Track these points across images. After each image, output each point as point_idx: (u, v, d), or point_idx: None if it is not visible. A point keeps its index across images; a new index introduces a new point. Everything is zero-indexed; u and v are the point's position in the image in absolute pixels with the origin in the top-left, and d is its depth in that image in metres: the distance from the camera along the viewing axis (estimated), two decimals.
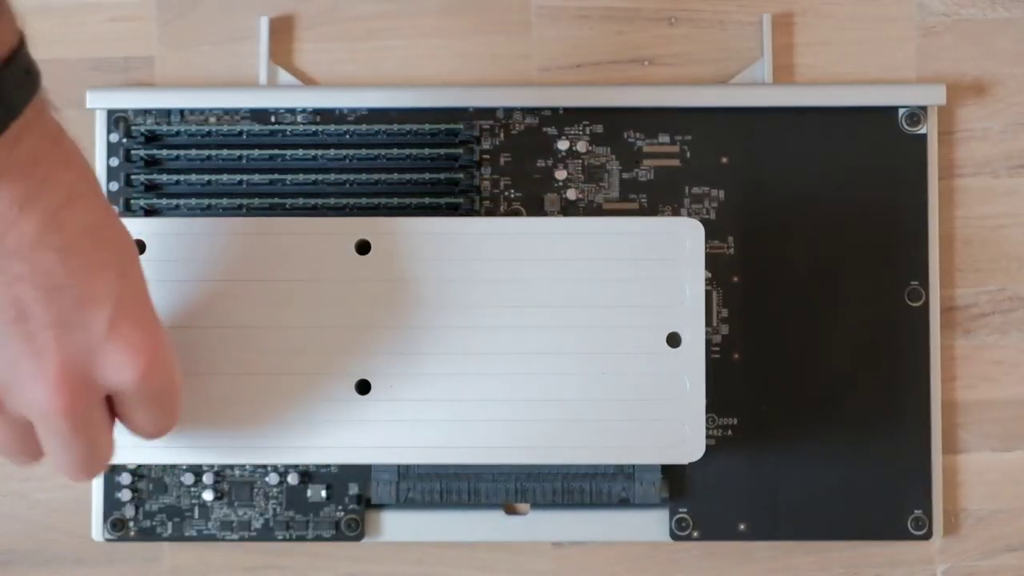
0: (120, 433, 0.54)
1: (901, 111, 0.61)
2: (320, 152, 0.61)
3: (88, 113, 0.62)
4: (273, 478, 0.61)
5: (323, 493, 0.61)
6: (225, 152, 0.61)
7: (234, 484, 0.61)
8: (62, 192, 0.41)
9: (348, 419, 0.54)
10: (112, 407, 0.46)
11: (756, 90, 0.61)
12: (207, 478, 0.61)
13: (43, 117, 0.41)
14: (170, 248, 0.53)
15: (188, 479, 0.61)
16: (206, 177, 0.60)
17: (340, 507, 0.61)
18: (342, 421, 0.54)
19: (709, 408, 0.60)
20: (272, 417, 0.54)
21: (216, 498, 0.61)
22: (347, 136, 0.61)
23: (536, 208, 0.62)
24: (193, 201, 0.60)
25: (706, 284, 0.60)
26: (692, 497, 0.61)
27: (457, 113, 0.62)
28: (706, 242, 0.55)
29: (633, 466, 0.60)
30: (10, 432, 0.44)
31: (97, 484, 0.61)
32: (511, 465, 0.60)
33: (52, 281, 0.41)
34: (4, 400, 0.43)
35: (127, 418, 0.47)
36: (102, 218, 0.43)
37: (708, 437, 0.60)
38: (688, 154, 0.62)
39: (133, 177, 0.61)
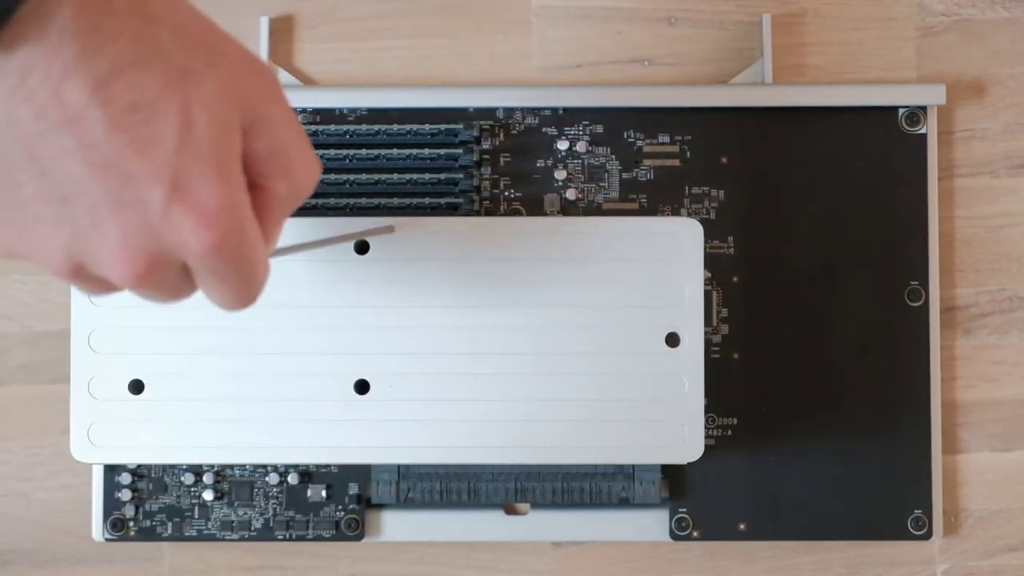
0: (121, 432, 0.54)
1: (901, 111, 0.61)
2: (320, 152, 0.61)
3: None
4: (273, 478, 0.61)
5: (323, 493, 0.61)
6: None
7: (234, 484, 0.61)
8: (111, 55, 0.38)
9: (348, 419, 0.54)
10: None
11: (756, 90, 0.61)
12: (207, 478, 0.61)
13: None
14: None
15: (188, 479, 0.61)
16: None
17: (340, 507, 0.61)
18: (342, 421, 0.54)
19: (709, 408, 0.60)
20: (272, 417, 0.54)
21: (216, 498, 0.61)
22: (347, 136, 0.61)
23: (536, 208, 0.62)
24: None
25: (706, 284, 0.60)
26: (692, 497, 0.61)
27: (457, 113, 0.62)
28: (706, 242, 0.55)
29: (633, 466, 0.60)
30: (94, 285, 0.43)
31: (97, 484, 0.61)
32: (511, 465, 0.60)
33: (101, 158, 0.39)
34: (82, 263, 0.41)
35: (204, 289, 0.44)
36: (156, 90, 0.39)
37: (708, 437, 0.60)
38: (688, 154, 0.62)
39: None
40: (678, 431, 0.54)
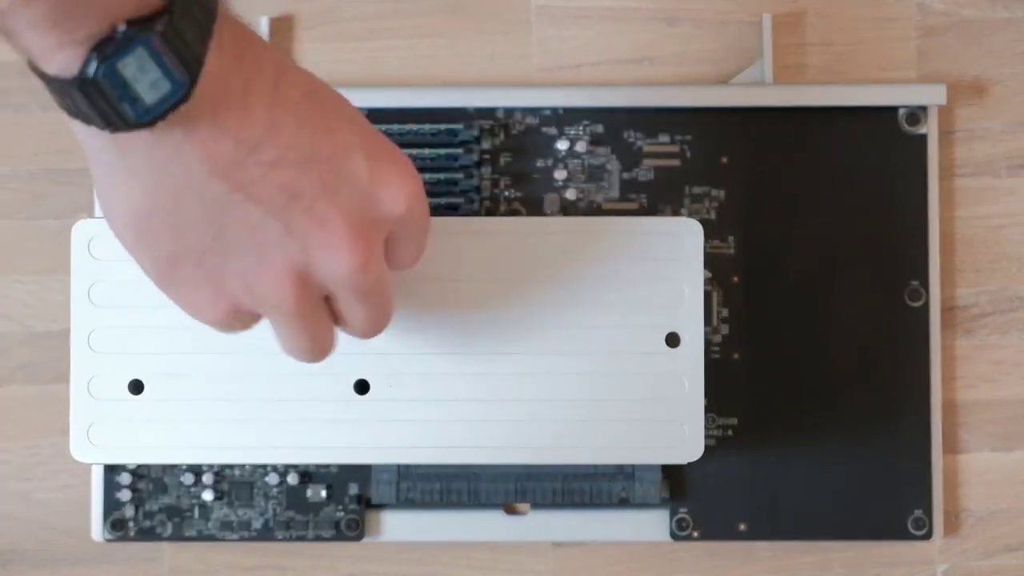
0: (121, 432, 0.54)
1: (901, 111, 0.61)
2: None
3: None
4: (273, 478, 0.61)
5: (323, 493, 0.61)
6: None
7: (234, 484, 0.61)
8: (271, 70, 0.42)
9: (348, 419, 0.54)
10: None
11: (756, 90, 0.61)
12: (207, 478, 0.61)
13: (226, 7, 0.41)
14: None
15: (188, 479, 0.61)
16: None
17: (340, 507, 0.61)
18: (342, 421, 0.54)
19: (709, 408, 0.60)
20: (272, 417, 0.54)
21: (216, 498, 0.61)
22: None
23: (536, 208, 0.62)
24: None
25: (706, 284, 0.60)
26: (692, 497, 0.61)
27: (457, 113, 0.62)
28: (706, 242, 0.55)
29: (633, 466, 0.60)
30: (313, 316, 0.46)
31: (97, 484, 0.61)
32: (511, 465, 0.60)
33: (301, 153, 0.42)
34: (308, 277, 0.44)
35: (397, 256, 0.47)
36: (310, 80, 0.44)
37: (708, 437, 0.60)
38: (688, 154, 0.62)
39: None
40: (678, 431, 0.54)
